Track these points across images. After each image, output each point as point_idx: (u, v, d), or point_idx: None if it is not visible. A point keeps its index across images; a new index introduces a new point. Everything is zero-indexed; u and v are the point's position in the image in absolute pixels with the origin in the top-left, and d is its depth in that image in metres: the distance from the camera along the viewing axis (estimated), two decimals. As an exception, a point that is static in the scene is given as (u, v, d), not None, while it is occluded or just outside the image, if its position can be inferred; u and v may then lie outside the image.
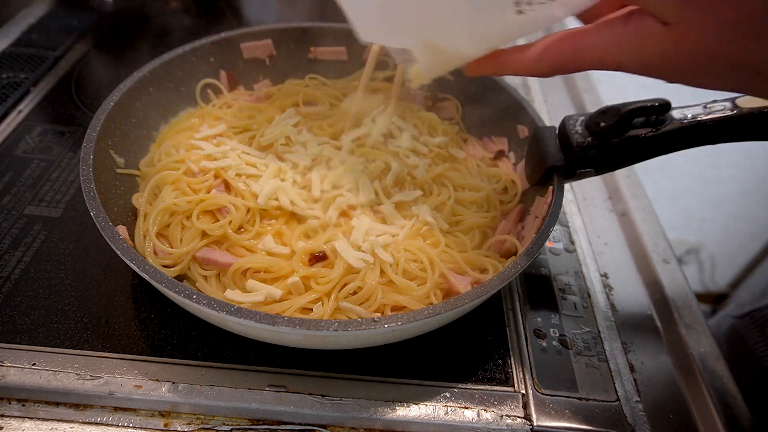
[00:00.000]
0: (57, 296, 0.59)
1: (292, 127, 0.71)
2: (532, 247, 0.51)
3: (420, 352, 0.57)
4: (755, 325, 0.83)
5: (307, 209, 0.62)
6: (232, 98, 0.79)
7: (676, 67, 0.38)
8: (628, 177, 0.84)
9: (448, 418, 0.52)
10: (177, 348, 0.55)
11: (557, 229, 0.73)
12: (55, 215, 0.68)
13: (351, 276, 0.56)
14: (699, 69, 0.37)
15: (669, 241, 0.74)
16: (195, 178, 0.64)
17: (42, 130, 0.81)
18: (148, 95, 0.70)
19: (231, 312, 0.44)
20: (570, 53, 0.42)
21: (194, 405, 0.51)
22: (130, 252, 0.48)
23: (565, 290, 0.65)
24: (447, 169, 0.70)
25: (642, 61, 0.39)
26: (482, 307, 0.60)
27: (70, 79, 0.93)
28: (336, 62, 0.84)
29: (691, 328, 0.63)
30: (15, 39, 1.00)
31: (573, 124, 0.57)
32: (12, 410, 0.50)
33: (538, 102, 1.00)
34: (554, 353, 0.58)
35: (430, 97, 0.82)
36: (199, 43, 0.75)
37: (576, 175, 0.59)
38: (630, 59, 0.39)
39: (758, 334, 0.82)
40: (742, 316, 0.87)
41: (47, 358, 0.53)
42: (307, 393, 0.52)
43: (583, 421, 0.52)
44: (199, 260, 0.58)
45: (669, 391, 0.58)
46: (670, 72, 0.39)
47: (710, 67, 0.37)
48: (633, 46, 0.39)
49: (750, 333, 0.84)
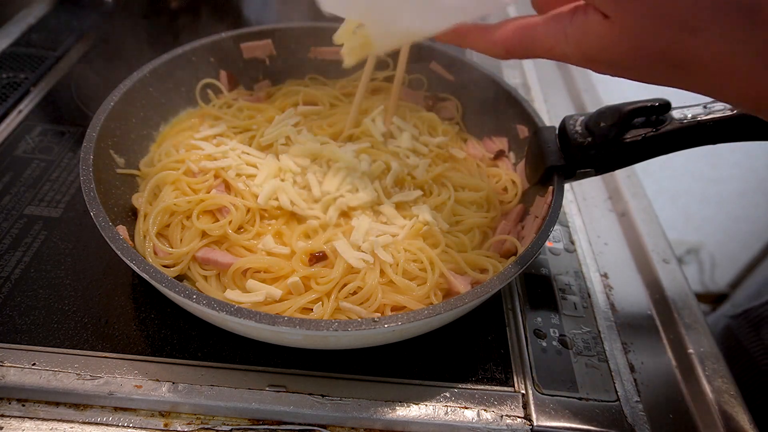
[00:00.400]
0: (57, 296, 0.59)
1: (292, 127, 0.71)
2: (532, 247, 0.51)
3: (420, 352, 0.57)
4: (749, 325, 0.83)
5: (307, 209, 0.62)
6: (232, 98, 0.79)
7: (616, 61, 0.38)
8: (628, 177, 0.84)
9: (448, 418, 0.52)
10: (177, 348, 0.55)
11: (557, 229, 0.73)
12: (55, 215, 0.68)
13: (351, 276, 0.56)
14: (638, 64, 0.38)
15: (669, 241, 0.74)
16: (195, 178, 0.64)
17: (42, 130, 0.81)
18: (148, 95, 0.70)
19: (231, 312, 0.44)
20: (524, 41, 0.43)
21: (194, 405, 0.51)
22: (130, 252, 0.48)
23: (565, 290, 0.65)
24: (447, 169, 0.70)
25: (585, 55, 0.40)
26: (482, 307, 0.60)
27: (70, 79, 0.93)
28: (336, 62, 0.84)
29: (691, 328, 0.63)
30: (15, 39, 1.00)
31: (573, 124, 0.57)
32: (12, 410, 0.50)
33: (538, 102, 1.00)
34: (554, 353, 0.58)
35: (430, 97, 0.82)
36: (199, 43, 0.75)
37: (576, 175, 0.59)
38: (574, 52, 0.40)
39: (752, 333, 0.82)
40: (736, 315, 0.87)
41: (47, 358, 0.53)
42: (307, 393, 0.52)
43: (583, 421, 0.52)
44: (199, 260, 0.58)
45: (669, 391, 0.58)
46: (612, 66, 0.39)
47: (649, 62, 0.37)
48: (577, 40, 0.39)
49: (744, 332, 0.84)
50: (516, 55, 0.45)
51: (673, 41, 0.35)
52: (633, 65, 0.38)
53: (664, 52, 0.36)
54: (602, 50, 0.38)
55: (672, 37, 0.35)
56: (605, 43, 0.38)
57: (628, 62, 0.38)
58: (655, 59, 0.37)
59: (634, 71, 0.39)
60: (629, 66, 0.38)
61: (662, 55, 0.36)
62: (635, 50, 0.37)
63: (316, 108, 0.77)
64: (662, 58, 0.36)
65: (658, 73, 0.38)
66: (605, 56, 0.39)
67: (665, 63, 0.37)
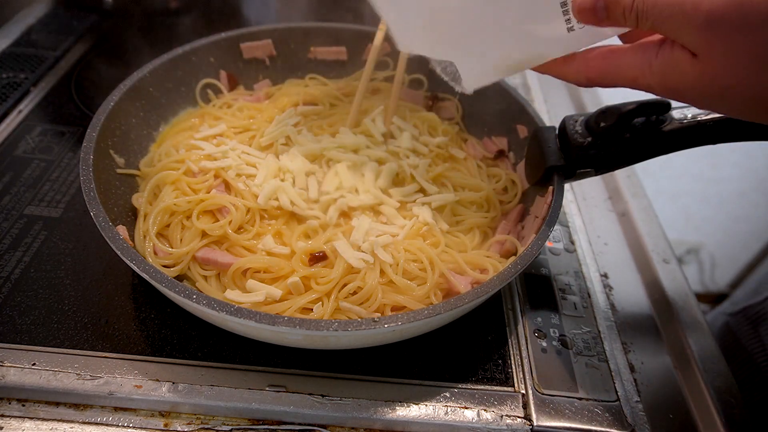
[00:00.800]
0: (57, 296, 0.59)
1: (292, 127, 0.71)
2: (532, 247, 0.51)
3: (420, 352, 0.57)
4: (748, 322, 0.83)
5: (307, 209, 0.62)
6: (232, 98, 0.79)
7: (702, 95, 0.39)
8: (628, 177, 0.84)
9: (448, 418, 0.52)
10: (177, 348, 0.55)
11: (557, 229, 0.73)
12: (55, 215, 0.68)
13: (351, 276, 0.56)
14: (725, 100, 0.38)
15: (669, 241, 0.74)
16: (195, 178, 0.64)
17: (42, 130, 0.81)
18: (148, 95, 0.70)
19: (231, 312, 0.44)
20: (606, 70, 0.43)
21: (194, 405, 0.51)
22: (130, 252, 0.48)
23: (565, 290, 0.65)
24: (447, 169, 0.70)
25: (669, 87, 0.40)
26: (482, 307, 0.60)
27: (70, 79, 0.93)
28: (336, 62, 0.84)
29: (691, 328, 0.63)
30: (15, 39, 1.00)
31: (573, 124, 0.57)
32: (12, 410, 0.50)
33: (538, 102, 1.00)
34: (554, 353, 0.58)
35: (430, 97, 0.82)
36: (199, 43, 0.75)
37: (576, 175, 0.59)
38: (658, 83, 0.40)
39: (751, 331, 0.82)
40: (735, 313, 0.87)
41: (47, 358, 0.53)
42: (307, 393, 0.52)
43: (583, 421, 0.52)
44: (199, 260, 0.58)
45: (669, 391, 0.58)
46: (698, 100, 0.40)
47: (736, 98, 0.38)
48: (661, 71, 0.40)
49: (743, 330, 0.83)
50: (598, 84, 0.44)
51: (759, 81, 0.35)
52: (722, 101, 0.39)
53: (752, 88, 0.36)
54: (688, 85, 0.39)
55: (759, 76, 0.35)
56: (691, 80, 0.38)
57: (716, 101, 0.39)
58: (744, 96, 0.37)
59: (725, 109, 0.40)
60: (719, 101, 0.39)
61: (750, 92, 0.37)
62: (724, 89, 0.37)
63: (316, 108, 0.77)
64: (751, 96, 0.37)
65: (748, 110, 0.39)
66: (691, 93, 0.39)
67: (755, 101, 0.37)
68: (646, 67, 0.41)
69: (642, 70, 0.41)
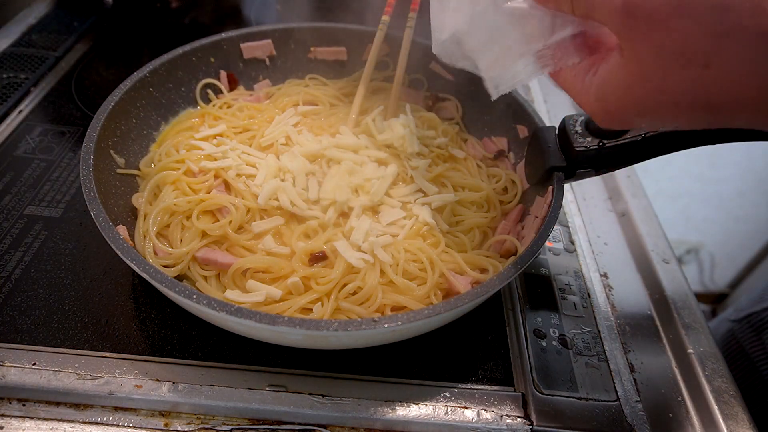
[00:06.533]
0: (57, 296, 0.59)
1: (292, 127, 0.71)
2: (532, 247, 0.51)
3: (420, 352, 0.57)
4: (752, 329, 0.83)
5: (307, 209, 0.62)
6: (232, 98, 0.79)
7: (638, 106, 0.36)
8: (628, 177, 0.84)
9: (448, 418, 0.52)
10: (177, 348, 0.55)
11: (557, 229, 0.74)
12: (56, 215, 0.68)
13: (351, 276, 0.56)
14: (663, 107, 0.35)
15: (669, 241, 0.74)
16: (195, 178, 0.64)
17: (42, 130, 0.81)
18: (148, 95, 0.70)
19: (231, 312, 0.44)
20: (572, 93, 0.43)
21: (194, 405, 0.51)
22: (130, 252, 0.48)
23: (565, 290, 0.65)
24: (447, 169, 0.70)
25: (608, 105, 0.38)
26: (482, 307, 0.60)
27: (70, 79, 0.93)
28: (336, 62, 0.84)
29: (691, 328, 0.63)
30: (15, 39, 1.00)
31: (573, 124, 0.57)
32: (12, 410, 0.51)
33: (538, 102, 1.00)
34: (554, 353, 0.58)
35: (430, 97, 0.82)
36: (199, 43, 0.75)
37: (576, 175, 0.59)
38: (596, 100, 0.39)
39: (754, 338, 0.82)
40: (739, 319, 0.87)
41: (47, 357, 0.53)
42: (307, 393, 0.52)
43: (583, 421, 0.52)
44: (199, 260, 0.58)
45: (669, 391, 0.58)
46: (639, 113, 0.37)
47: (674, 104, 0.34)
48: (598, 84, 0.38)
49: (746, 337, 0.83)
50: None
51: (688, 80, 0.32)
52: (658, 109, 0.35)
53: (684, 92, 0.33)
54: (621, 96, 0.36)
55: (686, 75, 0.32)
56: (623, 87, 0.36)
57: (654, 109, 0.35)
58: (681, 101, 0.34)
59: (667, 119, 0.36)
60: (655, 109, 0.36)
61: (684, 97, 0.33)
62: (658, 93, 0.34)
63: (316, 108, 0.77)
64: (689, 101, 0.33)
65: (695, 117, 0.35)
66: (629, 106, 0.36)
67: (692, 106, 0.34)
68: (586, 86, 0.39)
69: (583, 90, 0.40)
